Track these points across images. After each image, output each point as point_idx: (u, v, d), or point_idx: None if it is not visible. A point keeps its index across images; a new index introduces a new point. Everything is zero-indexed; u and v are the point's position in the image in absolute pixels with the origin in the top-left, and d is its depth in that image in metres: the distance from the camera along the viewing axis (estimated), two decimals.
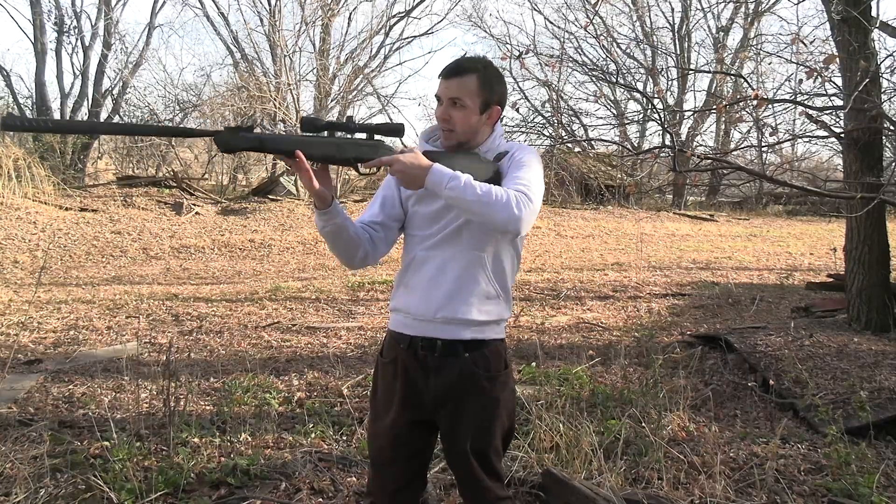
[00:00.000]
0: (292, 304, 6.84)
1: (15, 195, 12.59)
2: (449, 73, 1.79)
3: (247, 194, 15.88)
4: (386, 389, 1.88)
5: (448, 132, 1.82)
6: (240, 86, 17.47)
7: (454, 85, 1.79)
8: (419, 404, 1.83)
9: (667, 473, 2.82)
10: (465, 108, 1.79)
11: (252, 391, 4.01)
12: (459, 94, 1.78)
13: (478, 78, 1.79)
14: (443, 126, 1.82)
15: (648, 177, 19.71)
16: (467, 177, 1.63)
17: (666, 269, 9.68)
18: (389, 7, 20.77)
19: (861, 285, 5.29)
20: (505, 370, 1.86)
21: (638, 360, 4.75)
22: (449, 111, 1.80)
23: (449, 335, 1.79)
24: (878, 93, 5.02)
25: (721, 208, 19.96)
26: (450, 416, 1.82)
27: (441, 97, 1.81)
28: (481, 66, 1.81)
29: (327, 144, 1.70)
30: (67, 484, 2.69)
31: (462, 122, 1.80)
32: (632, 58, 21.81)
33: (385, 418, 1.87)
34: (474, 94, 1.79)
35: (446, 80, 1.79)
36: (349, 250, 1.80)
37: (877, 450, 3.20)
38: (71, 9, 19.21)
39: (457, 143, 1.83)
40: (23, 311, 6.25)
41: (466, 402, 1.81)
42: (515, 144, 1.90)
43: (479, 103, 1.80)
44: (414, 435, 1.86)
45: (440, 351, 1.79)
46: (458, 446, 1.82)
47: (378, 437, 1.90)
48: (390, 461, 1.88)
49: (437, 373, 1.81)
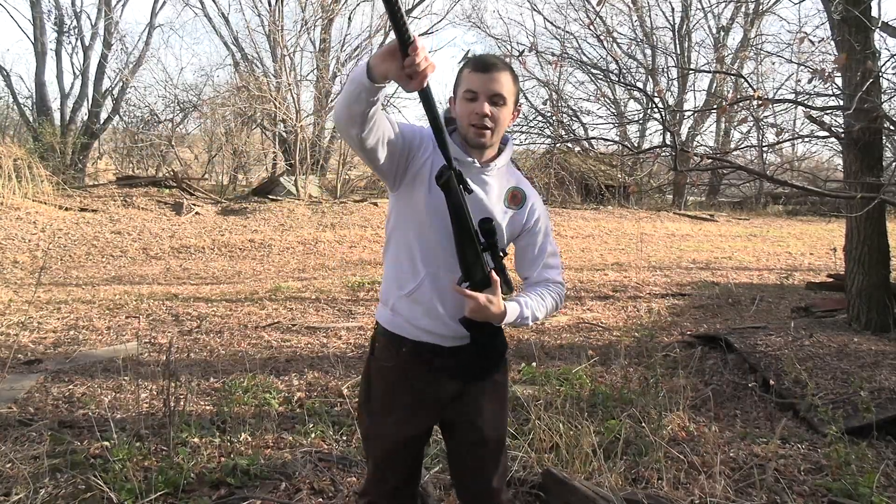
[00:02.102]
0: (292, 304, 6.83)
1: (15, 195, 12.59)
2: (489, 67, 1.68)
3: (247, 194, 15.88)
4: (385, 392, 1.81)
5: (483, 130, 1.69)
6: (240, 86, 17.45)
7: (501, 79, 1.68)
8: (431, 404, 1.80)
9: (667, 473, 2.82)
10: (505, 107, 1.71)
11: (252, 391, 4.01)
12: (502, 90, 1.69)
13: (512, 75, 1.72)
14: (485, 123, 1.69)
15: (649, 177, 19.73)
16: (532, 312, 1.72)
17: (666, 269, 9.68)
18: None
19: (861, 285, 5.29)
20: (505, 358, 1.88)
21: (638, 360, 4.75)
22: (490, 108, 1.68)
23: (457, 343, 1.76)
24: (878, 93, 5.02)
25: (721, 208, 19.95)
26: (466, 406, 1.80)
27: (479, 92, 1.68)
28: (507, 62, 1.76)
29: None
30: (67, 484, 2.69)
31: (502, 122, 1.72)
32: (632, 58, 21.81)
33: (387, 421, 1.81)
34: (512, 93, 1.71)
35: (487, 73, 1.68)
36: (368, 122, 1.54)
37: (877, 450, 3.20)
38: (71, 9, 19.25)
39: (481, 144, 1.73)
40: (23, 311, 6.25)
41: (478, 389, 1.80)
42: (525, 183, 1.85)
43: (512, 103, 1.73)
44: (418, 437, 1.85)
45: (448, 352, 1.76)
46: (475, 435, 1.81)
47: (383, 440, 1.83)
48: (395, 463, 1.85)
49: (448, 371, 1.77)
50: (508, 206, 1.79)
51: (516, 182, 1.83)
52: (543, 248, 1.85)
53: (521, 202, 1.81)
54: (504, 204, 1.79)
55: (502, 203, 1.79)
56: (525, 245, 1.85)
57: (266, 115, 17.61)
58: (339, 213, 14.11)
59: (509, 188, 1.81)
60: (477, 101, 1.68)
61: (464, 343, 1.74)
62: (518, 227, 1.81)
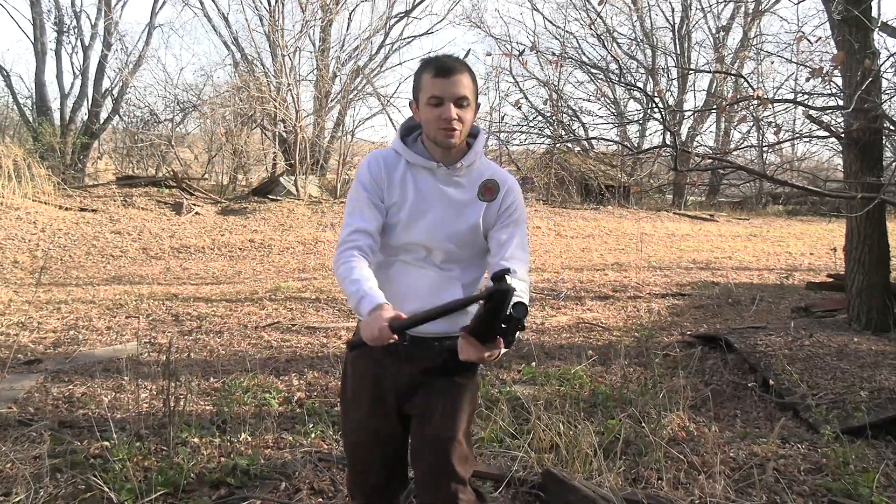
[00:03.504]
0: (292, 304, 6.83)
1: (15, 195, 12.59)
2: (451, 71, 1.70)
3: (247, 194, 15.88)
4: (356, 383, 1.87)
5: (452, 132, 1.72)
6: (240, 86, 17.45)
7: (463, 81, 1.71)
8: (390, 394, 1.81)
9: (667, 473, 2.82)
10: (470, 107, 1.74)
11: (252, 391, 4.01)
12: (466, 91, 1.72)
13: (470, 73, 1.75)
14: (453, 126, 1.71)
15: (649, 177, 19.73)
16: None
17: (666, 269, 9.68)
18: (389, 7, 20.76)
19: (861, 285, 5.28)
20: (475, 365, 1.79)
21: (638, 360, 4.75)
22: (456, 111, 1.71)
23: (421, 332, 1.72)
24: (878, 93, 5.02)
25: (721, 208, 19.95)
26: (421, 399, 1.80)
27: (445, 97, 1.70)
28: (464, 62, 1.78)
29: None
30: (67, 484, 2.69)
31: (468, 121, 1.75)
32: (632, 58, 21.81)
33: (357, 413, 1.86)
34: (473, 92, 1.75)
35: (449, 78, 1.70)
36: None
37: (876, 450, 3.20)
38: (71, 9, 19.25)
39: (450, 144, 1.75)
40: (23, 311, 6.25)
41: (434, 388, 1.79)
42: (500, 173, 1.85)
43: (474, 101, 1.76)
44: (388, 430, 1.84)
45: (412, 340, 1.73)
46: (425, 434, 1.79)
47: (352, 433, 1.90)
48: (366, 458, 1.88)
49: (408, 359, 1.79)
50: (483, 199, 1.81)
51: (490, 174, 1.84)
52: (512, 237, 1.80)
53: (496, 192, 1.82)
54: (479, 197, 1.81)
55: (476, 197, 1.81)
56: (498, 232, 1.81)
57: (266, 115, 17.60)
58: (339, 213, 14.11)
59: (483, 181, 1.82)
60: (443, 106, 1.71)
61: (426, 336, 1.75)
62: (493, 216, 1.82)
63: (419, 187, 1.79)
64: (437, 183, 1.79)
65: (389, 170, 1.80)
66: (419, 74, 1.76)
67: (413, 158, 1.80)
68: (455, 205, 1.79)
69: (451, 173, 1.79)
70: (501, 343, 1.53)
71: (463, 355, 1.57)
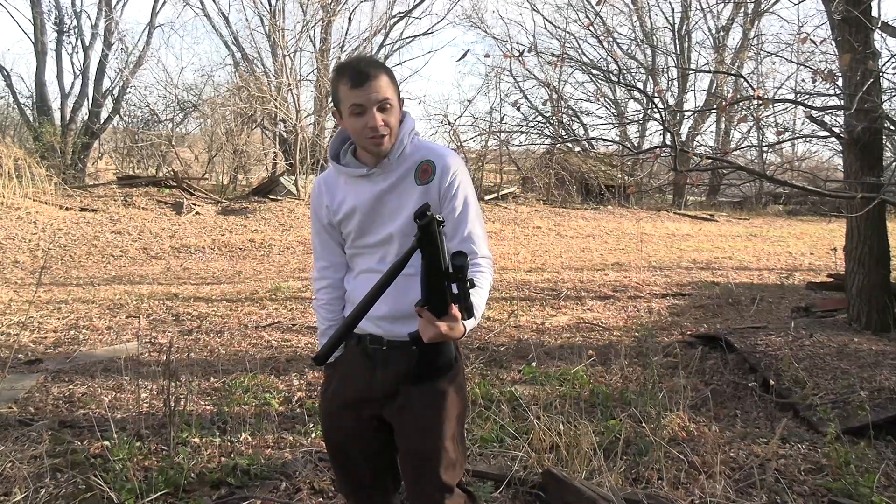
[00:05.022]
0: (292, 304, 6.83)
1: (15, 195, 12.59)
2: (367, 78, 1.65)
3: (247, 194, 15.88)
4: (337, 384, 1.87)
5: (381, 139, 1.69)
6: (240, 86, 17.45)
7: (381, 84, 1.66)
8: (368, 399, 1.80)
9: (667, 473, 2.82)
10: (392, 109, 1.69)
11: (252, 391, 4.01)
12: (386, 93, 1.67)
13: (387, 73, 1.70)
14: (381, 132, 1.68)
15: (649, 177, 19.73)
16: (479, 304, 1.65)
17: (666, 269, 9.68)
18: (389, 7, 20.78)
19: (861, 285, 5.28)
20: (455, 363, 1.78)
21: (638, 360, 4.75)
22: (381, 117, 1.67)
23: (395, 335, 1.74)
24: (878, 93, 5.02)
25: (721, 208, 19.94)
26: (398, 411, 1.77)
27: (366, 105, 1.65)
28: (380, 63, 1.75)
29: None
30: (67, 484, 2.69)
31: (395, 123, 1.71)
32: (632, 58, 21.82)
33: (336, 415, 1.86)
34: (394, 91, 1.70)
35: (367, 84, 1.64)
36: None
37: (877, 450, 3.20)
38: (71, 9, 19.29)
39: (381, 152, 1.72)
40: (23, 311, 6.25)
41: (412, 398, 1.75)
42: (435, 150, 1.79)
43: (397, 100, 1.72)
44: (368, 433, 1.83)
45: (388, 345, 1.76)
46: (405, 447, 1.78)
47: (327, 432, 1.91)
48: (347, 459, 1.88)
49: (384, 365, 1.77)
50: (420, 182, 1.75)
51: (423, 155, 1.77)
52: (465, 216, 1.76)
53: (432, 173, 1.75)
54: (416, 182, 1.75)
55: (414, 183, 1.75)
56: (446, 214, 1.74)
57: (266, 115, 17.60)
58: None
59: (418, 164, 1.76)
60: (367, 114, 1.66)
61: (404, 340, 1.70)
62: (435, 197, 1.75)
63: (360, 198, 1.77)
64: (375, 186, 1.75)
65: (331, 189, 1.83)
66: (335, 84, 1.71)
67: (347, 171, 1.79)
68: (395, 199, 1.75)
69: (384, 171, 1.75)
70: (458, 312, 1.52)
71: (424, 335, 1.55)
